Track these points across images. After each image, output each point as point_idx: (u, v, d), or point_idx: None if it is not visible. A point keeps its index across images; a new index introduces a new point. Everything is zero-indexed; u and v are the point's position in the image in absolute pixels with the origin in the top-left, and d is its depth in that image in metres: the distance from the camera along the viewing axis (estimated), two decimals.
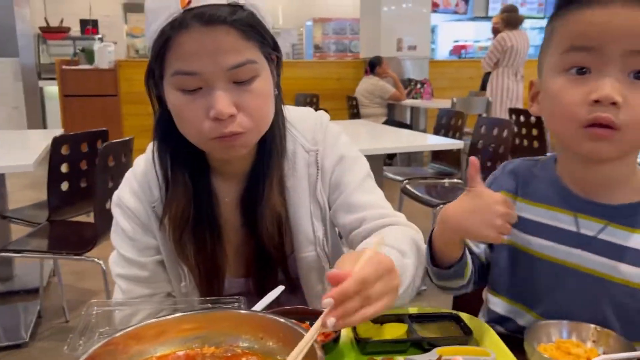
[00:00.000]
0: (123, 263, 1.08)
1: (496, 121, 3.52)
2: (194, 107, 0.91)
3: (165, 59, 0.90)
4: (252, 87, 0.92)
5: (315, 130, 1.10)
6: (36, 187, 5.53)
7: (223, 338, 0.75)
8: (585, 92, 0.82)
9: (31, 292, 3.22)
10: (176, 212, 1.02)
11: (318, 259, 1.10)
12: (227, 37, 0.88)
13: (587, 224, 0.93)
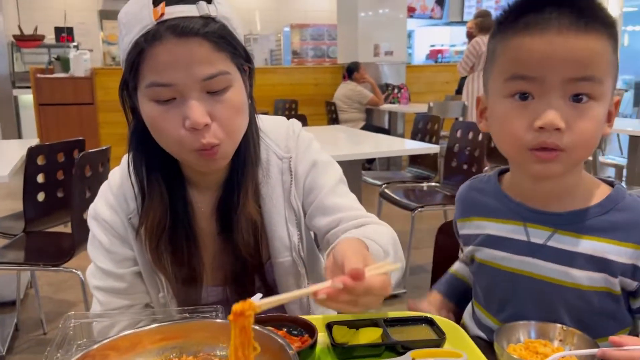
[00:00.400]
0: (100, 275, 1.08)
1: (471, 125, 3.57)
2: (168, 117, 0.92)
3: (140, 70, 0.91)
4: (225, 97, 0.93)
5: (288, 137, 1.12)
6: (12, 198, 5.44)
7: (200, 347, 0.76)
8: (530, 118, 0.86)
9: (7, 305, 3.17)
10: (152, 221, 1.03)
11: (294, 263, 1.12)
12: (200, 49, 0.89)
13: (536, 232, 0.97)
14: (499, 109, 0.90)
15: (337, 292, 0.72)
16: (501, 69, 0.89)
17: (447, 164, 3.66)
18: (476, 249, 1.03)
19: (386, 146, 3.68)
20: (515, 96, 0.87)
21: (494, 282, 1.02)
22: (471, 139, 3.42)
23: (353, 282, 0.72)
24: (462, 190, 1.12)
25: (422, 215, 3.32)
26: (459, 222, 1.09)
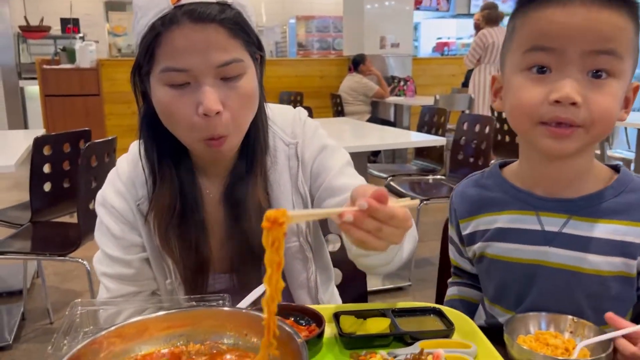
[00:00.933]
0: (108, 261, 1.08)
1: (478, 118, 3.56)
2: (182, 102, 0.93)
3: (154, 54, 0.91)
4: (239, 84, 0.94)
5: (294, 124, 1.13)
6: (18, 188, 5.46)
7: (207, 335, 0.75)
8: (546, 91, 0.84)
9: (14, 294, 3.19)
10: (162, 206, 1.04)
11: (301, 248, 1.13)
12: (216, 35, 0.90)
13: (549, 220, 0.95)
14: (515, 82, 0.89)
15: (362, 217, 0.72)
16: (520, 42, 0.88)
17: (453, 156, 3.65)
18: (487, 245, 1.02)
19: (392, 138, 3.67)
20: (532, 69, 0.86)
21: (509, 276, 1.00)
22: (478, 132, 3.40)
23: (377, 204, 0.71)
24: (462, 190, 1.09)
25: (427, 208, 3.31)
26: (463, 222, 1.07)
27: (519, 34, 0.89)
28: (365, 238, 0.75)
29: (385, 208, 0.72)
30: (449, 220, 1.14)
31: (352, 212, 0.72)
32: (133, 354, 0.72)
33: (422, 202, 3.27)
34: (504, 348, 0.85)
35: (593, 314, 0.92)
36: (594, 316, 0.91)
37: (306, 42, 10.85)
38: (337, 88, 6.83)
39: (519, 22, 0.89)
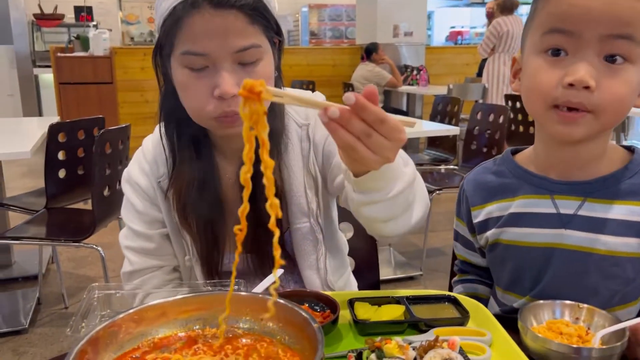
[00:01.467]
0: (132, 236, 1.13)
1: (492, 107, 3.53)
2: (199, 84, 0.95)
3: (175, 37, 0.94)
4: (256, 69, 0.96)
5: None
6: (33, 176, 5.52)
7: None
8: (561, 74, 0.84)
9: (30, 279, 3.24)
10: (181, 183, 1.07)
11: (312, 229, 1.14)
12: (235, 21, 0.92)
13: (564, 203, 0.95)
14: (532, 64, 0.89)
15: (349, 116, 0.69)
16: (539, 23, 0.88)
17: (466, 146, 3.63)
18: (501, 231, 1.01)
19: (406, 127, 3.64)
20: (549, 51, 0.86)
21: (525, 260, 0.99)
22: (492, 121, 3.37)
23: (366, 101, 0.68)
24: (474, 177, 1.09)
25: (438, 199, 3.30)
26: (475, 210, 1.07)
27: (539, 14, 0.88)
28: (354, 143, 0.72)
29: (374, 107, 0.69)
30: (457, 211, 1.13)
31: (339, 107, 0.69)
32: (150, 336, 0.73)
33: (435, 192, 3.26)
34: (518, 336, 0.85)
35: (608, 296, 0.92)
36: (609, 298, 0.92)
37: (318, 30, 10.80)
38: (349, 77, 6.81)
39: (540, 4, 0.88)
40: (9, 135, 3.14)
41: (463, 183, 1.11)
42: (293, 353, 0.71)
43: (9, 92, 7.69)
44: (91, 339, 0.65)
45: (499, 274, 1.07)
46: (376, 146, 0.72)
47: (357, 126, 0.70)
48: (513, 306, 1.03)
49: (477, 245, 1.10)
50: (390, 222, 0.92)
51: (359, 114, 0.69)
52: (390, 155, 0.75)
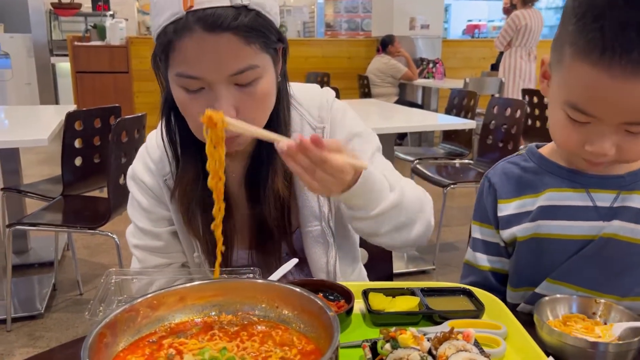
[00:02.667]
0: (139, 234, 1.12)
1: (509, 101, 3.50)
2: (196, 105, 0.92)
3: (169, 57, 0.90)
4: (253, 89, 0.92)
5: (321, 107, 1.10)
6: (49, 163, 5.58)
7: (239, 306, 0.76)
8: (582, 138, 0.86)
9: (46, 266, 3.28)
10: (186, 185, 1.05)
11: (323, 233, 1.12)
12: (229, 44, 0.87)
13: (600, 196, 0.97)
14: (556, 112, 0.89)
15: (296, 151, 0.82)
16: (565, 85, 0.85)
17: (482, 141, 3.60)
18: (537, 225, 0.99)
19: (420, 120, 3.63)
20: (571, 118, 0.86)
21: (560, 254, 0.99)
22: (509, 116, 3.34)
23: (307, 142, 0.81)
24: (502, 171, 1.07)
25: (453, 193, 3.30)
26: (502, 203, 1.05)
27: (565, 73, 0.84)
28: (300, 173, 0.85)
29: (315, 150, 0.82)
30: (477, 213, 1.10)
31: (286, 142, 0.83)
32: (167, 322, 0.74)
33: (449, 186, 3.24)
34: (533, 330, 0.84)
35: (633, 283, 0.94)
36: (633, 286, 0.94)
37: (334, 22, 10.75)
38: (364, 69, 6.78)
39: (568, 59, 0.83)
40: (27, 123, 3.17)
41: (488, 177, 1.09)
42: (308, 341, 0.71)
43: (26, 81, 7.77)
44: (109, 322, 0.66)
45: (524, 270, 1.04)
46: (320, 180, 0.86)
47: (302, 161, 0.84)
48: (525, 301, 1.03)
49: (502, 244, 1.07)
50: (379, 238, 1.04)
51: (303, 152, 0.82)
52: (334, 189, 0.89)
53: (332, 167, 0.84)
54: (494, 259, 1.10)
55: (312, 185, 0.87)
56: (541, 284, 1.00)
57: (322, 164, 0.83)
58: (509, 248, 1.07)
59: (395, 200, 1.00)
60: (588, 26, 0.78)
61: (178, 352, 0.68)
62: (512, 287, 1.07)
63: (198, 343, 0.70)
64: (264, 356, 0.68)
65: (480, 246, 1.11)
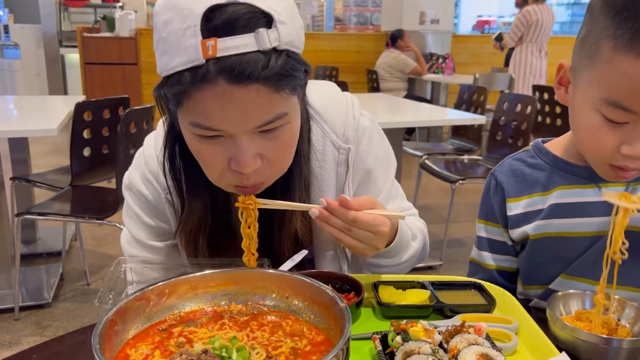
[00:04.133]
0: (136, 245, 1.04)
1: (519, 97, 3.47)
2: (213, 152, 0.81)
3: (183, 103, 0.77)
4: (279, 134, 0.81)
5: (347, 124, 1.01)
6: (57, 154, 5.60)
7: (250, 296, 0.76)
8: (619, 139, 0.82)
9: (53, 255, 3.30)
10: (191, 227, 0.97)
11: (336, 258, 1.08)
12: (257, 96, 0.74)
13: (611, 190, 0.95)
14: (588, 117, 0.84)
15: (327, 215, 0.84)
16: (602, 82, 0.80)
17: (491, 136, 3.57)
18: (546, 224, 0.98)
19: (429, 115, 3.61)
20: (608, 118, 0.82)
21: (566, 250, 0.98)
22: (519, 112, 3.32)
23: (335, 204, 0.83)
24: (509, 169, 1.05)
25: (461, 189, 3.28)
26: (511, 202, 1.03)
27: (603, 69, 0.80)
28: (338, 235, 0.86)
29: (341, 210, 0.84)
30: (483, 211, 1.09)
31: (317, 207, 0.84)
32: (177, 310, 0.73)
33: (458, 182, 3.22)
34: (545, 324, 0.83)
35: None
36: None
37: (343, 16, 10.70)
38: (373, 64, 6.75)
39: (607, 53, 0.79)
40: (36, 113, 3.18)
41: (494, 175, 1.07)
42: (318, 331, 0.71)
43: (35, 71, 7.80)
44: (120, 309, 0.66)
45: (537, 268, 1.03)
46: (360, 237, 0.86)
47: (336, 223, 0.85)
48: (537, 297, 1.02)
49: (509, 242, 1.06)
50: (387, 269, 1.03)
51: (333, 214, 0.84)
52: (377, 244, 0.89)
53: (364, 223, 0.85)
54: (500, 257, 1.09)
55: (354, 245, 0.87)
56: (555, 280, 1.00)
57: (353, 223, 0.84)
58: (517, 246, 1.07)
59: (417, 249, 1.05)
60: (632, 18, 0.75)
61: (188, 341, 0.67)
62: (524, 285, 1.06)
63: (208, 332, 0.69)
64: (274, 346, 0.67)
65: (486, 245, 1.10)
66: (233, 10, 0.72)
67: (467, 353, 0.70)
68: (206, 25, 0.72)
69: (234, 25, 0.72)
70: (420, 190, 3.93)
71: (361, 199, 0.87)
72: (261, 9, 0.73)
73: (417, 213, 1.14)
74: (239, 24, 0.72)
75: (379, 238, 0.88)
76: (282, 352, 0.66)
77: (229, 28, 0.72)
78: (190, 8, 0.72)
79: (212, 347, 0.64)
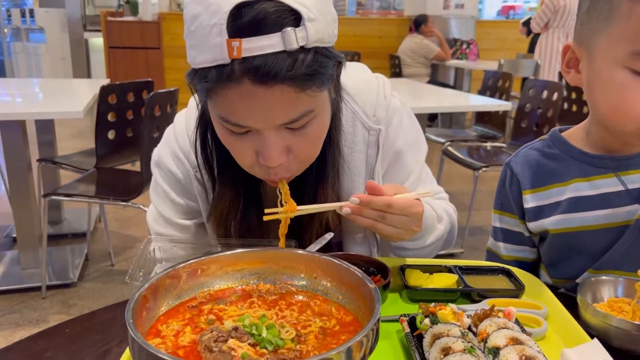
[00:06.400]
0: (163, 223, 1.04)
1: (546, 84, 3.41)
2: (241, 146, 0.82)
3: (211, 97, 0.78)
4: (306, 131, 0.81)
5: (377, 105, 0.99)
6: (82, 137, 5.68)
7: (278, 276, 0.76)
8: None
9: (78, 236, 3.35)
10: (222, 211, 0.97)
11: (366, 240, 1.07)
12: (282, 96, 0.74)
13: (631, 178, 0.92)
14: (617, 78, 0.81)
15: (360, 209, 0.83)
16: (625, 36, 0.78)
17: (516, 123, 3.52)
18: (566, 218, 0.96)
19: (452, 101, 3.57)
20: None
21: (591, 243, 0.96)
22: (545, 99, 3.26)
23: (368, 197, 0.82)
24: (524, 160, 1.03)
25: (483, 177, 3.23)
26: (527, 194, 1.01)
27: (625, 24, 0.78)
28: (373, 225, 0.84)
29: (376, 199, 0.82)
30: (498, 201, 1.07)
31: (349, 205, 0.83)
32: (207, 288, 0.74)
33: (481, 169, 3.19)
34: (576, 311, 0.82)
35: None
36: None
37: (366, 1, 10.59)
38: (396, 49, 6.69)
39: (626, 6, 0.78)
40: (61, 96, 3.22)
41: (510, 166, 1.05)
42: (346, 312, 0.71)
43: (60, 55, 7.88)
44: (152, 285, 0.66)
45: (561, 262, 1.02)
46: (395, 223, 0.85)
47: (369, 214, 0.83)
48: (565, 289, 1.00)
49: (526, 234, 1.05)
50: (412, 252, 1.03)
51: (367, 206, 0.82)
52: (414, 227, 0.88)
53: (399, 207, 0.83)
54: (516, 248, 1.07)
55: (389, 232, 0.86)
56: (583, 275, 0.98)
57: (388, 208, 0.83)
58: (535, 238, 1.05)
59: (443, 231, 1.02)
60: None
61: (218, 318, 0.68)
62: (552, 278, 1.04)
63: (237, 310, 0.70)
64: (303, 325, 0.67)
65: (501, 235, 1.08)
66: (261, 8, 0.71)
67: (497, 337, 0.70)
68: (233, 23, 0.70)
69: (260, 24, 0.70)
70: (442, 177, 3.90)
71: (386, 185, 0.86)
72: (290, 6, 0.71)
73: (448, 198, 1.12)
74: (266, 23, 0.71)
75: (415, 220, 0.87)
76: (311, 331, 0.66)
77: (256, 27, 0.70)
78: (218, 4, 0.71)
79: (242, 324, 0.64)
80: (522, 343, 0.69)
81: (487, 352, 0.68)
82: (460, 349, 0.67)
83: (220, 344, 0.60)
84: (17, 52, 7.98)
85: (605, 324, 0.77)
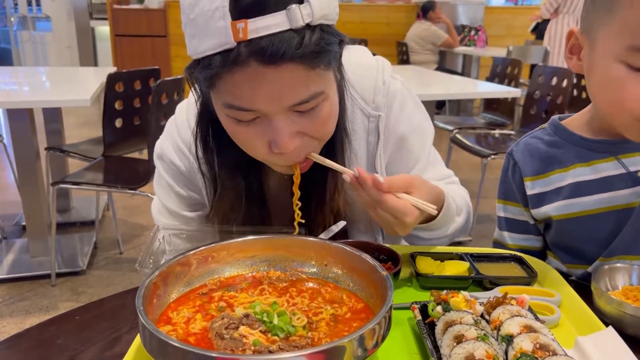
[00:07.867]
0: (167, 215, 1.03)
1: (555, 70, 3.37)
2: (249, 134, 0.79)
3: (215, 84, 0.75)
4: (316, 114, 0.79)
5: (376, 91, 0.97)
6: (89, 126, 5.69)
7: (289, 263, 0.76)
8: None
9: (87, 225, 3.37)
10: (225, 208, 0.95)
11: (370, 228, 1.06)
12: (291, 76, 0.72)
13: (632, 160, 0.92)
14: (613, 71, 0.80)
15: (357, 185, 0.80)
16: (624, 31, 0.78)
17: (525, 110, 3.49)
18: (568, 204, 0.96)
19: (460, 88, 3.53)
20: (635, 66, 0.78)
21: (597, 228, 0.95)
22: (554, 85, 3.23)
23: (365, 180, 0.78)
24: (525, 147, 1.02)
25: (492, 164, 3.21)
26: (529, 180, 1.01)
27: (624, 16, 0.77)
28: (365, 205, 0.83)
29: (369, 189, 0.79)
30: (502, 191, 1.07)
31: (349, 174, 0.81)
32: (217, 275, 0.73)
33: (489, 157, 3.17)
34: (589, 298, 0.81)
35: None
36: None
37: None
38: (403, 36, 6.64)
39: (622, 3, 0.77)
40: (69, 84, 3.21)
41: (511, 155, 1.04)
42: (358, 299, 0.70)
43: (67, 44, 7.87)
44: (162, 272, 0.66)
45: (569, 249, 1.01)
46: (380, 217, 0.82)
47: (362, 195, 0.81)
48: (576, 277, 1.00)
49: (531, 222, 1.04)
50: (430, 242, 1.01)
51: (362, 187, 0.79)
52: (398, 231, 0.83)
53: (388, 208, 0.80)
54: (522, 236, 1.07)
55: (379, 222, 0.84)
56: (595, 263, 0.97)
57: (377, 204, 0.80)
58: (540, 225, 1.04)
59: (461, 224, 1.02)
60: None
61: (229, 305, 0.68)
62: (565, 263, 1.03)
63: (248, 297, 0.69)
64: (315, 312, 0.67)
65: (506, 225, 1.08)
66: None
67: (510, 324, 0.69)
68: (235, 5, 0.68)
69: (264, 3, 0.68)
70: (450, 165, 3.86)
71: (396, 178, 0.81)
72: None
73: (459, 181, 1.11)
74: (270, 2, 0.69)
75: (401, 226, 0.82)
76: (323, 318, 0.66)
77: (259, 7, 0.68)
78: None
79: (253, 311, 0.64)
80: (535, 331, 0.68)
81: (501, 339, 0.68)
82: (474, 336, 0.66)
83: (232, 331, 0.60)
84: (23, 41, 7.98)
85: (620, 311, 0.76)
